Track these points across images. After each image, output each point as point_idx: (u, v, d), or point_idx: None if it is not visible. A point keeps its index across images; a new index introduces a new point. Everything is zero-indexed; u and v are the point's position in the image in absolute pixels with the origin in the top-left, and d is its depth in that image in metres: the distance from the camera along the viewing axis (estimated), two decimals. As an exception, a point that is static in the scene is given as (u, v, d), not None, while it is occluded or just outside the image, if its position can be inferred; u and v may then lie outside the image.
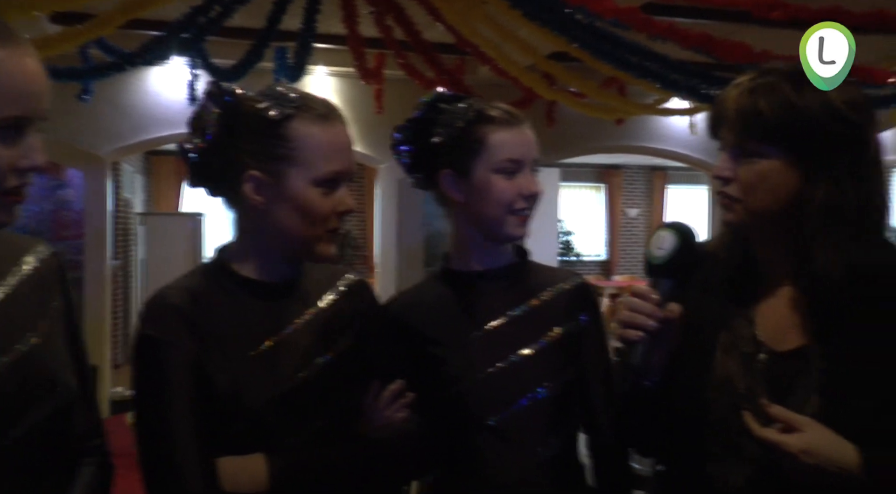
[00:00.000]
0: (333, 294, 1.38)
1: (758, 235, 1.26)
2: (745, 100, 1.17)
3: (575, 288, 1.53)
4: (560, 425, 1.46)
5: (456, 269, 1.53)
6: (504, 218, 1.44)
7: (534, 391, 1.44)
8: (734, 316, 1.28)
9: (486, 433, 1.43)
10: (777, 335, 1.23)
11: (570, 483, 1.48)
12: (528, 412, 1.43)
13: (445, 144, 1.46)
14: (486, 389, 1.43)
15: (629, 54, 3.69)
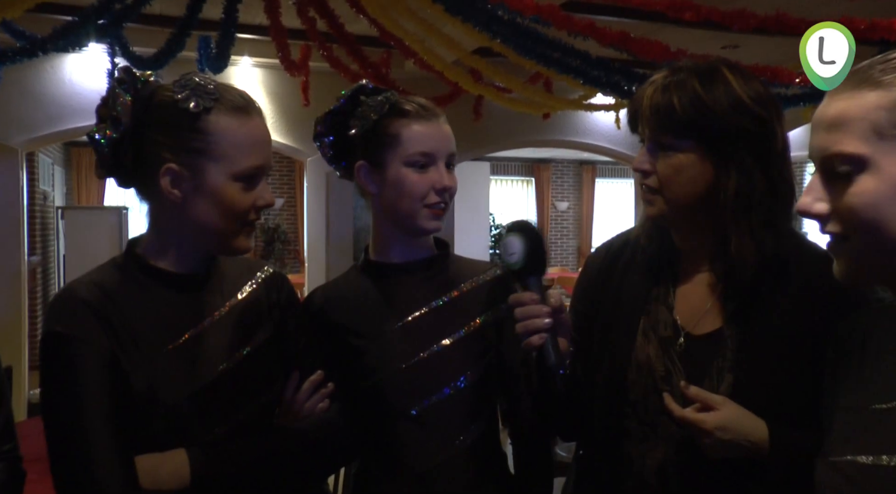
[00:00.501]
0: (251, 286, 1.38)
1: (677, 225, 1.33)
2: (658, 96, 1.24)
3: (496, 279, 1.56)
4: (481, 412, 1.49)
5: (376, 261, 1.55)
6: (417, 211, 1.46)
7: (455, 380, 1.46)
8: (654, 301, 1.34)
9: (407, 422, 1.45)
10: (694, 319, 1.30)
11: (491, 470, 1.51)
12: (449, 402, 1.45)
13: (360, 136, 1.48)
14: (408, 379, 1.45)
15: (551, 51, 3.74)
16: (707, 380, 1.24)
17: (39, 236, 7.80)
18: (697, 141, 1.22)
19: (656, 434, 1.28)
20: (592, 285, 1.44)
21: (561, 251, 13.33)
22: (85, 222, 7.76)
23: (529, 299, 1.24)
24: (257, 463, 1.24)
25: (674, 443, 1.26)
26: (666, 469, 1.27)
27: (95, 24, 3.63)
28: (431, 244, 1.57)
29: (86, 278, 1.27)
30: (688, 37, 4.70)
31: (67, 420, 1.15)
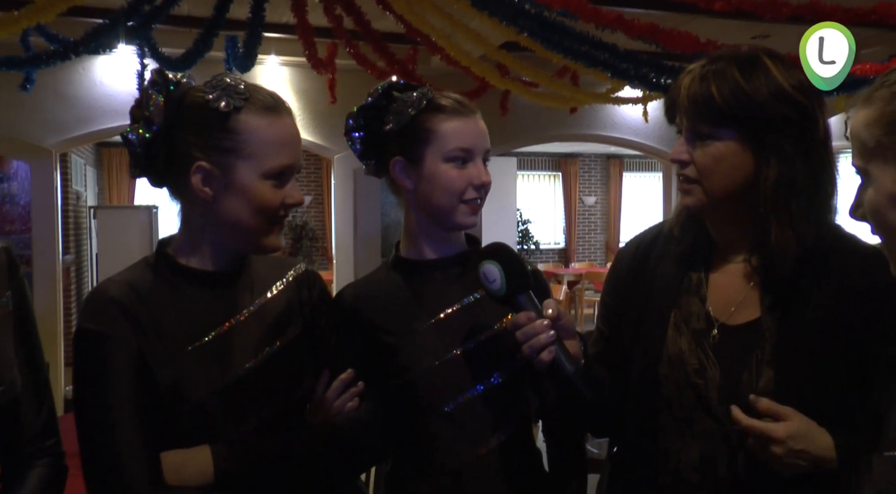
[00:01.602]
0: (282, 285, 1.38)
1: (715, 215, 1.31)
2: (696, 86, 1.23)
3: None
4: (513, 410, 1.48)
5: (408, 257, 1.54)
6: (455, 207, 1.45)
7: (488, 377, 1.45)
8: (686, 293, 1.33)
9: (440, 419, 1.45)
10: (728, 310, 1.28)
11: (524, 467, 1.50)
12: (482, 399, 1.44)
13: (396, 132, 1.47)
14: (440, 377, 1.44)
15: (578, 44, 3.71)
16: (746, 374, 1.22)
17: (73, 235, 7.92)
18: (738, 130, 1.21)
19: (692, 430, 1.26)
20: (623, 279, 1.43)
21: (588, 246, 13.26)
22: (116, 221, 7.87)
23: (526, 319, 1.26)
24: (282, 461, 1.25)
25: (710, 439, 1.25)
26: (703, 465, 1.25)
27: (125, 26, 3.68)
28: (463, 240, 1.57)
29: (118, 277, 1.29)
30: (717, 27, 4.64)
31: (96, 417, 1.18)
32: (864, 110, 0.89)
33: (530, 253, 12.35)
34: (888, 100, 0.86)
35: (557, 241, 13.05)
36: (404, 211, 1.55)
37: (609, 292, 1.47)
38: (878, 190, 0.88)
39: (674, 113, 1.29)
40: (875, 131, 0.86)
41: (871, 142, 0.87)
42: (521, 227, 12.19)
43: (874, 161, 0.87)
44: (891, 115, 0.86)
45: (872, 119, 0.87)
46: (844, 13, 3.34)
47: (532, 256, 12.30)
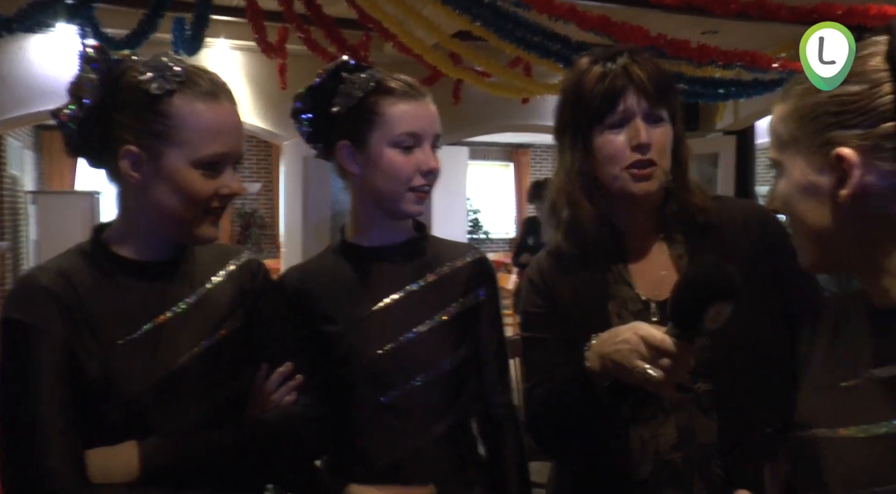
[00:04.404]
0: (224, 275, 1.33)
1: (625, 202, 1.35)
2: (653, 71, 1.31)
3: (473, 263, 1.52)
4: (456, 399, 1.46)
5: (354, 243, 1.50)
6: (401, 194, 1.41)
7: (431, 367, 1.43)
8: (613, 284, 1.35)
9: (379, 410, 1.42)
10: (656, 288, 1.32)
11: (464, 456, 1.49)
12: (424, 389, 1.42)
13: (343, 114, 1.42)
14: (382, 367, 1.41)
15: (531, 34, 3.72)
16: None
17: (9, 221, 7.66)
18: (668, 112, 1.32)
19: (664, 411, 1.27)
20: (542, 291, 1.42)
21: (539, 236, 13.31)
22: (56, 207, 7.63)
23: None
24: (212, 456, 1.20)
25: (683, 409, 1.26)
26: (683, 438, 1.27)
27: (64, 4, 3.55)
28: (410, 227, 1.53)
29: (49, 264, 1.23)
30: (668, 22, 4.69)
31: (20, 411, 1.13)
32: (780, 106, 0.93)
33: (480, 243, 12.39)
34: (801, 95, 0.90)
35: (508, 231, 13.05)
36: (351, 196, 1.51)
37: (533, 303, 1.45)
38: (790, 181, 0.92)
39: (618, 97, 1.30)
40: (789, 125, 0.91)
41: (785, 135, 0.91)
42: (471, 216, 12.20)
43: (787, 153, 0.92)
44: (803, 109, 0.89)
45: (787, 113, 0.91)
46: (788, 11, 3.43)
47: (482, 245, 12.33)
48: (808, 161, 0.89)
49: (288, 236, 7.20)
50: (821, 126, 0.87)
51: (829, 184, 0.87)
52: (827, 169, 0.87)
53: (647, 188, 1.31)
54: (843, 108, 0.85)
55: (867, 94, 0.84)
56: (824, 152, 0.87)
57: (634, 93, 1.29)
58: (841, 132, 0.85)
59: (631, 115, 1.30)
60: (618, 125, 1.30)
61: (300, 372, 1.33)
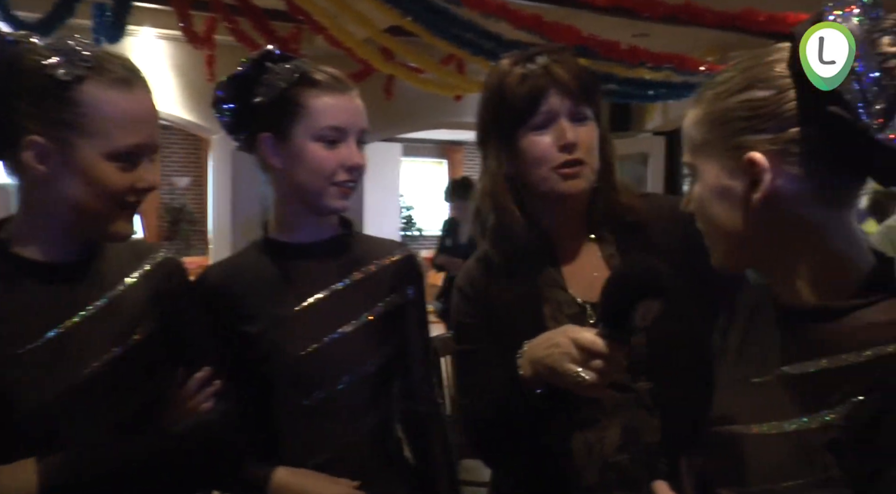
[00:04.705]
0: (138, 276, 1.26)
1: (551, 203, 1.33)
2: (577, 69, 1.29)
3: (401, 260, 1.49)
4: (380, 401, 1.44)
5: (277, 239, 1.46)
6: (324, 189, 1.37)
7: (356, 368, 1.39)
8: (546, 288, 1.33)
9: (305, 412, 1.38)
10: (591, 289, 1.28)
11: (389, 456, 1.46)
12: (349, 390, 1.39)
13: (266, 105, 1.37)
14: (306, 368, 1.37)
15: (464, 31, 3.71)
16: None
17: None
18: (593, 110, 1.31)
19: (607, 413, 1.26)
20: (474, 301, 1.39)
21: (472, 234, 13.32)
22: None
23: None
24: (120, 471, 1.14)
25: (627, 409, 1.25)
26: (628, 438, 1.26)
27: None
28: (336, 224, 1.49)
29: None
30: (599, 24, 4.75)
31: None
32: (693, 110, 0.94)
33: (413, 240, 12.36)
34: (712, 100, 0.91)
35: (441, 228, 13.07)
36: (274, 190, 1.46)
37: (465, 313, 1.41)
38: (704, 184, 0.93)
39: (541, 98, 1.28)
40: (702, 129, 0.92)
41: (698, 139, 0.93)
42: (404, 214, 12.16)
43: (700, 157, 0.93)
44: (714, 113, 0.91)
45: (699, 118, 0.93)
46: (714, 16, 3.52)
47: (415, 242, 12.31)
48: (721, 165, 0.91)
49: (217, 231, 7.05)
50: (732, 130, 0.89)
51: (741, 187, 0.89)
52: (739, 173, 0.88)
53: (577, 187, 1.29)
54: (753, 112, 0.87)
55: (774, 99, 0.86)
56: (736, 156, 0.88)
57: (557, 93, 1.28)
58: (752, 137, 0.87)
59: (555, 115, 1.28)
60: (542, 126, 1.29)
61: (219, 377, 1.28)
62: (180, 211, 10.52)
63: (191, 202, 10.67)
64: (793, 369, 0.90)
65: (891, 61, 0.81)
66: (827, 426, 0.85)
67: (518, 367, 1.20)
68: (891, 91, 0.80)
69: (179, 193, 10.54)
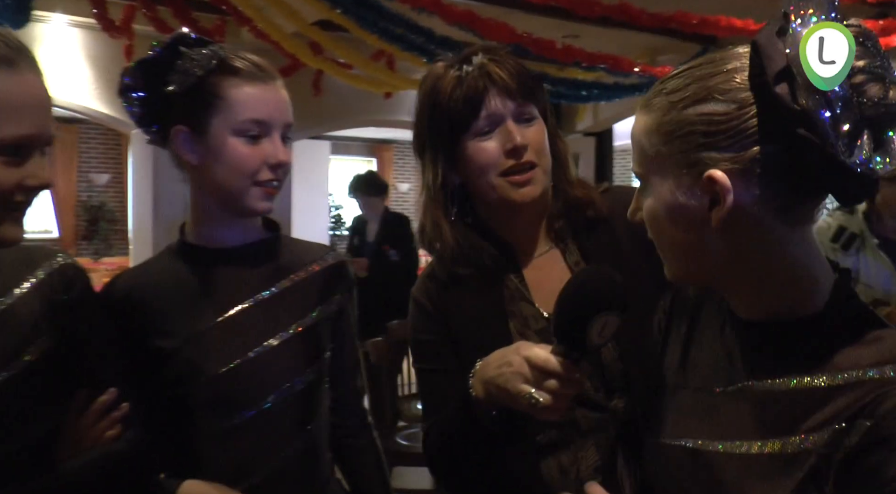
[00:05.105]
0: (31, 285, 1.12)
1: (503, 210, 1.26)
2: (518, 67, 1.23)
3: (331, 266, 1.39)
4: (310, 419, 1.34)
5: (194, 243, 1.34)
6: (246, 189, 1.26)
7: (284, 385, 1.29)
8: (511, 301, 1.25)
9: (226, 436, 1.27)
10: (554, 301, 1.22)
11: (321, 480, 1.37)
12: (277, 410, 1.28)
13: (181, 95, 1.24)
14: (227, 387, 1.26)
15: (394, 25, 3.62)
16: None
17: None
18: (538, 108, 1.25)
19: (581, 434, 1.19)
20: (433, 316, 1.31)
21: (402, 233, 13.37)
22: None
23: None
24: None
25: (602, 430, 1.19)
26: (604, 458, 1.19)
27: None
28: (260, 226, 1.38)
29: None
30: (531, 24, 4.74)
31: None
32: (643, 117, 0.88)
33: (343, 239, 12.23)
34: (666, 109, 0.85)
35: (371, 227, 13.01)
36: (191, 189, 1.35)
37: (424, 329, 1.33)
38: (657, 199, 0.88)
39: (481, 101, 1.20)
40: (654, 140, 0.86)
41: (650, 150, 0.87)
42: (333, 213, 12.03)
43: (653, 170, 0.88)
44: (668, 124, 0.84)
45: (652, 127, 0.87)
46: (648, 17, 3.54)
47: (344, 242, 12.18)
48: (677, 182, 0.85)
49: (138, 232, 6.80)
50: (690, 146, 0.83)
51: (699, 205, 0.83)
52: (697, 190, 0.83)
53: (531, 194, 1.22)
54: (713, 128, 0.81)
55: (736, 115, 0.80)
56: (694, 173, 0.82)
57: (498, 94, 1.21)
58: (711, 154, 0.81)
59: (499, 118, 1.21)
60: (486, 131, 1.21)
61: (127, 400, 1.16)
62: (99, 210, 10.31)
63: (110, 200, 10.47)
64: (761, 385, 0.85)
65: (857, 76, 0.77)
66: (804, 452, 0.79)
67: (470, 387, 1.11)
68: (856, 110, 0.76)
69: (98, 190, 10.34)
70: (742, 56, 0.81)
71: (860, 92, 0.76)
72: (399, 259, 4.96)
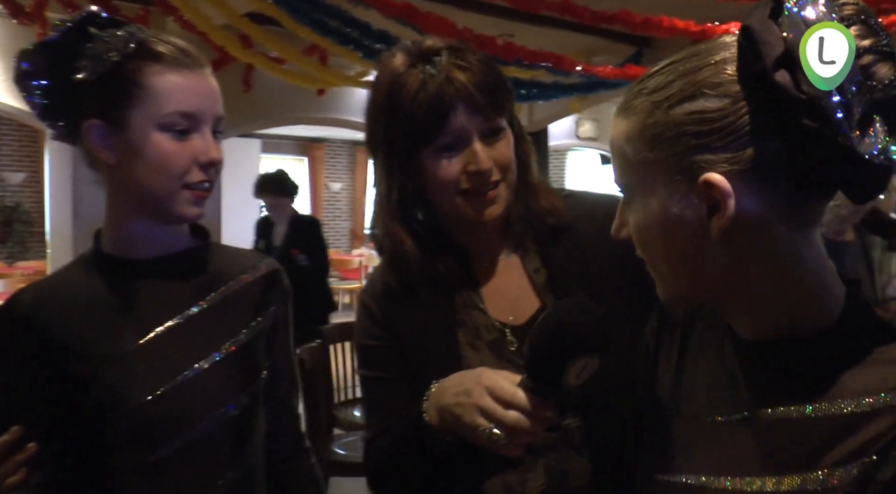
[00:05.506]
0: None
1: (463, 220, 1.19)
2: (486, 76, 1.12)
3: (265, 276, 1.27)
4: (245, 445, 1.22)
5: (112, 254, 1.19)
6: (174, 192, 1.13)
7: (216, 411, 1.17)
8: (462, 310, 1.20)
9: (152, 471, 1.14)
10: (511, 310, 1.20)
11: None
12: (208, 439, 1.17)
13: (93, 84, 1.10)
14: (153, 416, 1.13)
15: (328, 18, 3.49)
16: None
17: None
18: (506, 118, 1.16)
19: (532, 452, 1.12)
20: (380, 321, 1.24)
21: (334, 233, 13.32)
22: None
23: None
24: None
25: (554, 450, 1.14)
26: (553, 487, 1.14)
27: None
28: (187, 233, 1.25)
29: None
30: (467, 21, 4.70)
31: None
32: (623, 122, 0.80)
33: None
34: (649, 112, 0.77)
35: (303, 228, 12.88)
36: (106, 192, 1.20)
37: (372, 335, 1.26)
38: (647, 212, 0.79)
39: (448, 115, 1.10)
40: (638, 146, 0.78)
41: (634, 159, 0.79)
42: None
43: (639, 179, 0.80)
44: (654, 127, 0.76)
45: (634, 132, 0.78)
46: (592, 15, 3.53)
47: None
48: (669, 190, 0.76)
49: (56, 234, 6.54)
50: (681, 149, 0.74)
51: (696, 215, 0.74)
52: (693, 198, 0.74)
53: (493, 213, 1.15)
54: (706, 127, 0.72)
55: (730, 110, 0.71)
56: (688, 179, 0.73)
57: (465, 109, 1.09)
58: (707, 156, 0.72)
59: (465, 135, 1.11)
60: (451, 148, 1.11)
61: (32, 438, 1.06)
62: (14, 210, 10.15)
63: (26, 200, 10.26)
64: (772, 412, 0.77)
65: (864, 57, 0.68)
66: (829, 490, 0.71)
67: (423, 412, 1.06)
68: (867, 93, 0.68)
69: (12, 190, 10.18)
70: (731, 45, 0.73)
71: (869, 74, 0.69)
72: (308, 264, 4.76)
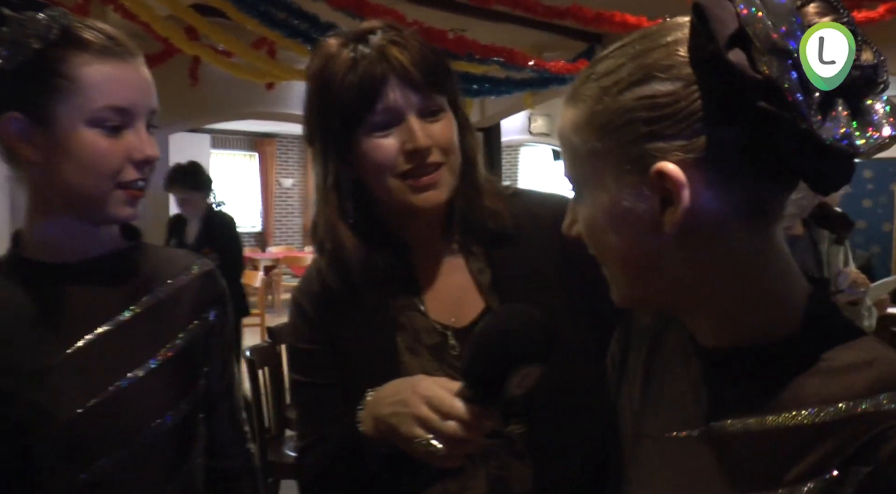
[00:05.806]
0: None
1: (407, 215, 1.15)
2: (423, 53, 1.08)
3: (199, 276, 1.20)
4: (184, 460, 1.15)
5: (33, 258, 1.11)
6: (106, 193, 1.05)
7: (152, 424, 1.10)
8: (402, 313, 1.16)
9: (84, 490, 1.07)
10: (454, 312, 1.16)
11: None
12: (144, 454, 1.09)
13: (11, 74, 1.01)
14: (82, 432, 1.06)
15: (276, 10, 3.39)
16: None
17: None
18: (447, 97, 1.12)
19: (472, 460, 1.08)
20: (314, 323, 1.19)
21: (286, 230, 13.16)
22: None
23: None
24: None
25: (496, 458, 1.10)
26: (496, 490, 1.11)
27: None
28: (117, 234, 1.17)
29: None
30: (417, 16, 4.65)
31: None
32: (571, 110, 0.75)
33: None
34: (597, 97, 0.71)
35: (254, 224, 12.65)
36: (28, 191, 1.11)
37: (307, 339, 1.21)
38: (596, 206, 0.74)
39: (378, 91, 1.06)
40: (586, 136, 0.73)
41: (582, 149, 0.73)
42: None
43: (588, 171, 0.74)
44: (602, 115, 0.71)
45: (582, 121, 0.73)
46: (544, 9, 3.49)
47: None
48: (619, 182, 0.70)
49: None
50: (631, 137, 0.69)
51: (648, 209, 0.69)
52: (644, 190, 0.69)
53: (434, 199, 1.09)
54: (657, 113, 0.67)
55: (683, 94, 0.66)
56: (639, 170, 0.68)
57: (399, 84, 1.06)
58: (658, 144, 0.67)
59: (399, 112, 1.07)
60: (384, 126, 1.07)
61: None
62: None
63: None
64: (731, 425, 0.72)
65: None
66: None
67: (358, 421, 1.03)
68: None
69: None
70: (683, 26, 0.68)
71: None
72: (221, 263, 4.60)
